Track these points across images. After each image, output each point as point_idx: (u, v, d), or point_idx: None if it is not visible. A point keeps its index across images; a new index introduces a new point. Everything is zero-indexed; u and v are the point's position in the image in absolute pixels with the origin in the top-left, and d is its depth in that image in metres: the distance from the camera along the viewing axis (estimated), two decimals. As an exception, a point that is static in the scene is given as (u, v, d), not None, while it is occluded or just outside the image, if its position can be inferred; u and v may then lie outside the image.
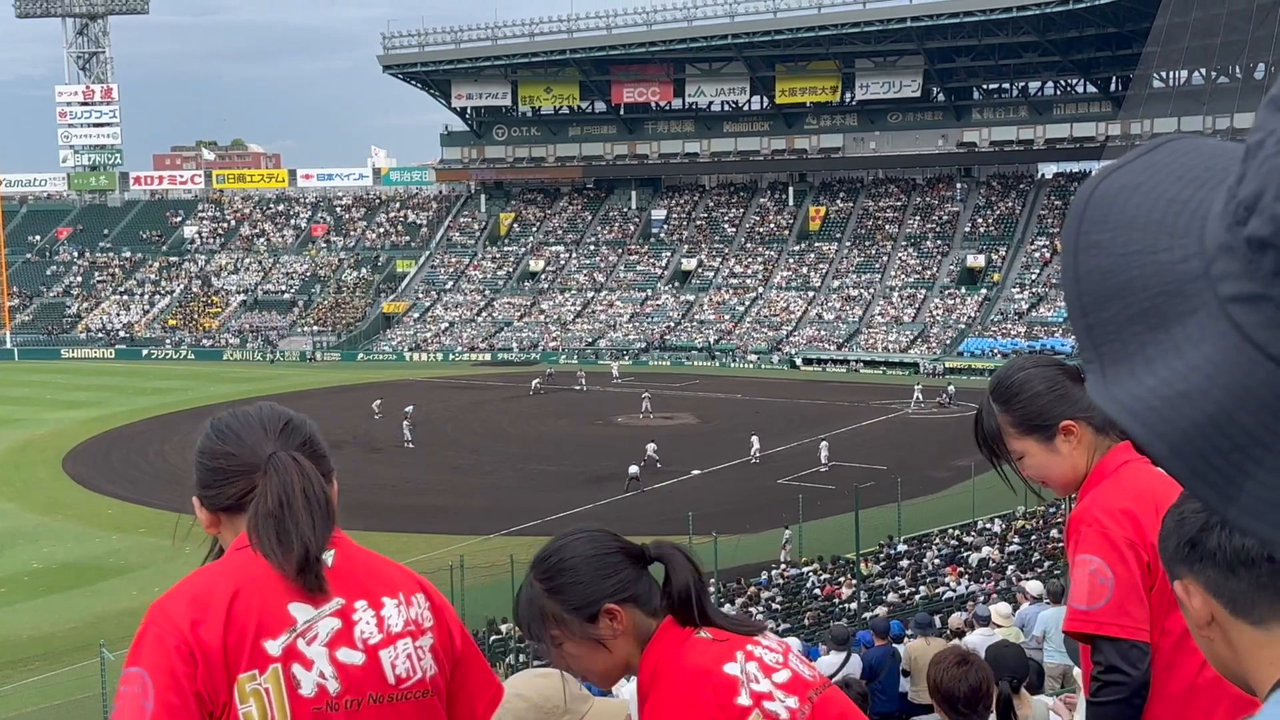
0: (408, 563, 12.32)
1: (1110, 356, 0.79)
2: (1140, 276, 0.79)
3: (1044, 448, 2.78)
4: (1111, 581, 2.55)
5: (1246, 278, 0.73)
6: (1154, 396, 0.76)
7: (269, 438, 2.51)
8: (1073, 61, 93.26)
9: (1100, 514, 2.63)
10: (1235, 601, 1.34)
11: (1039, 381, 2.78)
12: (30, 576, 35.87)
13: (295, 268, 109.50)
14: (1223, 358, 0.74)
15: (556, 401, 67.03)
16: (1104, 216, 0.82)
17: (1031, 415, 2.77)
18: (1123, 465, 2.73)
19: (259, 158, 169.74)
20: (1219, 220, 0.76)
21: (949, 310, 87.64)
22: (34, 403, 69.52)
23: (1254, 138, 0.76)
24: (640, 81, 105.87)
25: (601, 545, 2.52)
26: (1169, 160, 0.84)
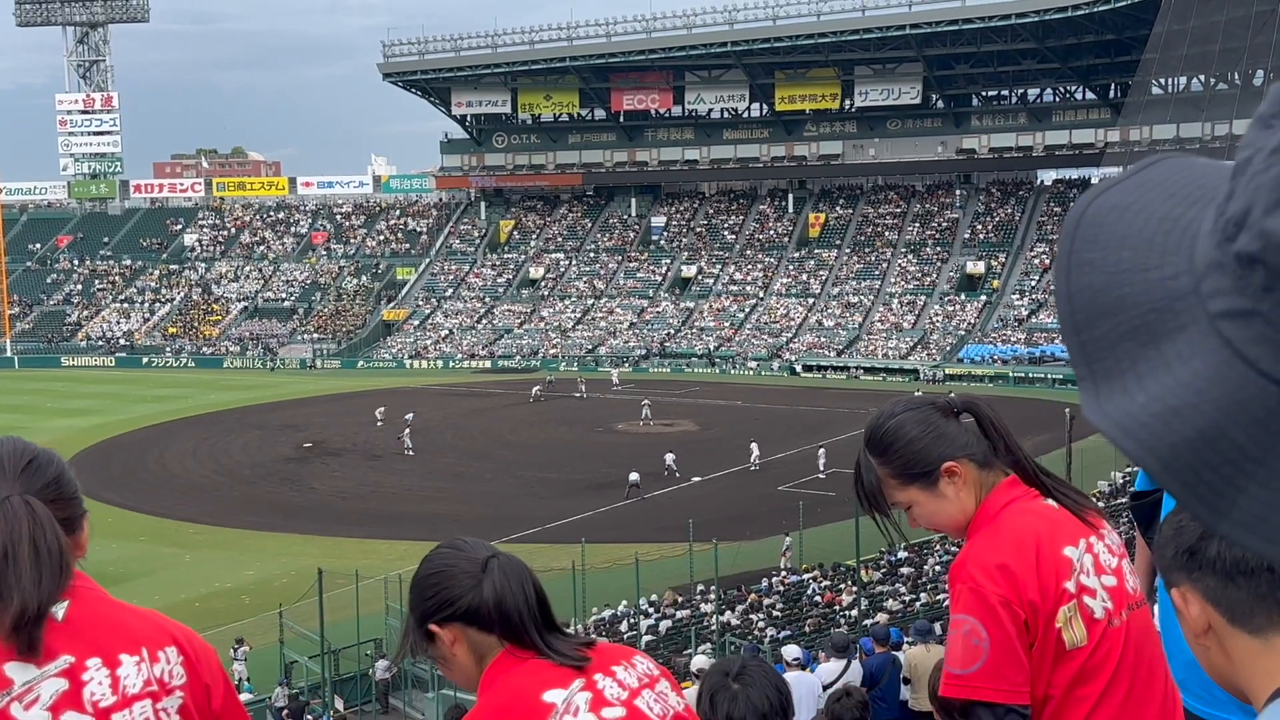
0: (408, 570, 12.30)
1: (1103, 373, 0.80)
2: (1131, 294, 0.80)
3: (929, 494, 2.62)
4: (986, 643, 2.42)
5: (1236, 293, 0.74)
6: (1145, 412, 0.77)
7: (7, 478, 2.30)
8: (1072, 68, 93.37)
9: (975, 570, 2.49)
10: (1234, 611, 1.34)
11: (912, 426, 2.63)
12: (30, 585, 35.82)
13: (295, 275, 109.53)
14: (1213, 373, 0.75)
15: (556, 409, 67.02)
16: (1095, 235, 0.84)
17: (910, 463, 2.61)
18: (1005, 508, 2.57)
19: (259, 165, 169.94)
20: (1209, 237, 0.77)
21: (949, 317, 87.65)
22: (34, 411, 69.49)
23: (1242, 155, 0.77)
24: (640, 89, 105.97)
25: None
26: (1160, 179, 0.85)
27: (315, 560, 33.61)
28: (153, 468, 52.64)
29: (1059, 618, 2.45)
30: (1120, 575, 2.57)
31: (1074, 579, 2.48)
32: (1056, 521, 2.54)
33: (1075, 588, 2.48)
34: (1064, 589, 2.46)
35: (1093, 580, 2.50)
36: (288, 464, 53.00)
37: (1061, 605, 2.46)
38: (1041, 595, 2.45)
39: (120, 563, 37.74)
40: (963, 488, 2.59)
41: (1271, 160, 0.74)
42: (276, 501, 45.81)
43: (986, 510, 2.58)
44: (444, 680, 26.94)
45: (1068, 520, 2.56)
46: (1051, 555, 2.49)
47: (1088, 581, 2.50)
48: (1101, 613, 2.50)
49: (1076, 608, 2.47)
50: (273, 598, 31.38)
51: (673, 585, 32.36)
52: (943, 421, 2.63)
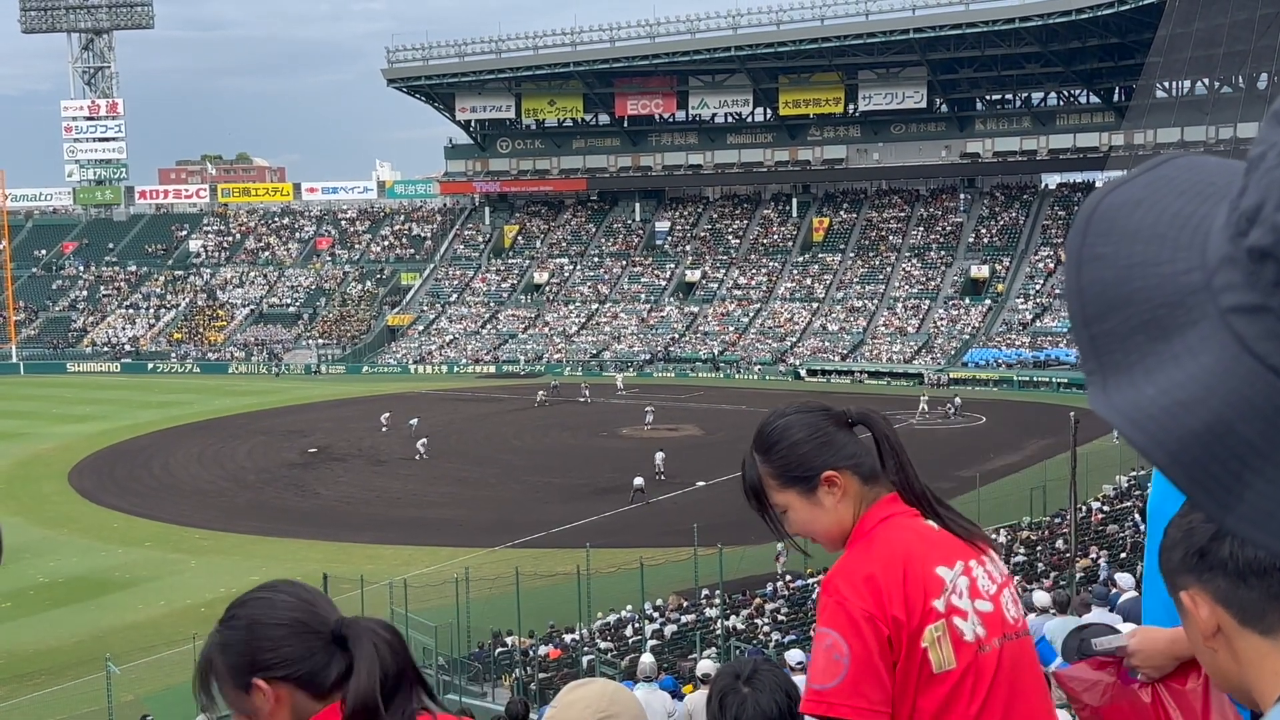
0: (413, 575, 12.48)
1: (1112, 367, 0.80)
2: (1143, 289, 0.80)
3: (806, 501, 2.55)
4: (846, 659, 2.34)
5: (1248, 288, 0.74)
6: (1153, 405, 0.77)
7: None
8: (1075, 72, 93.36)
9: (841, 583, 2.41)
10: (1245, 610, 1.33)
11: (799, 429, 2.57)
12: (36, 590, 35.90)
13: (300, 281, 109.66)
14: (1222, 368, 0.75)
15: (560, 414, 67.04)
16: (1108, 230, 0.84)
17: (790, 465, 2.56)
18: (882, 522, 2.50)
19: (264, 171, 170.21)
20: (1221, 233, 0.78)
21: (953, 321, 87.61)
22: (40, 417, 69.64)
23: (1256, 150, 0.77)
24: (644, 93, 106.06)
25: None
26: (1173, 175, 0.86)
27: (320, 565, 33.63)
28: (158, 473, 52.70)
29: (925, 637, 2.37)
30: (998, 603, 2.48)
31: (944, 599, 2.40)
32: (932, 540, 2.47)
33: (945, 607, 2.40)
34: (932, 607, 2.38)
35: (965, 603, 2.42)
36: (292, 469, 53.05)
37: (928, 624, 2.37)
38: (907, 612, 2.37)
39: (126, 568, 37.82)
40: (841, 499, 2.53)
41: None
42: (281, 507, 45.85)
43: (863, 525, 2.52)
44: (450, 685, 26.95)
45: (946, 540, 2.50)
46: (921, 572, 2.41)
47: (959, 603, 2.42)
48: (972, 636, 2.41)
49: (945, 628, 2.39)
50: (278, 603, 31.35)
51: (677, 590, 32.36)
52: (833, 429, 2.57)
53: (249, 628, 2.09)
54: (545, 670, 27.26)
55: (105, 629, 31.92)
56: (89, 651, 28.64)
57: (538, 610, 30.16)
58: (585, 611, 29.44)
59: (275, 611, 2.12)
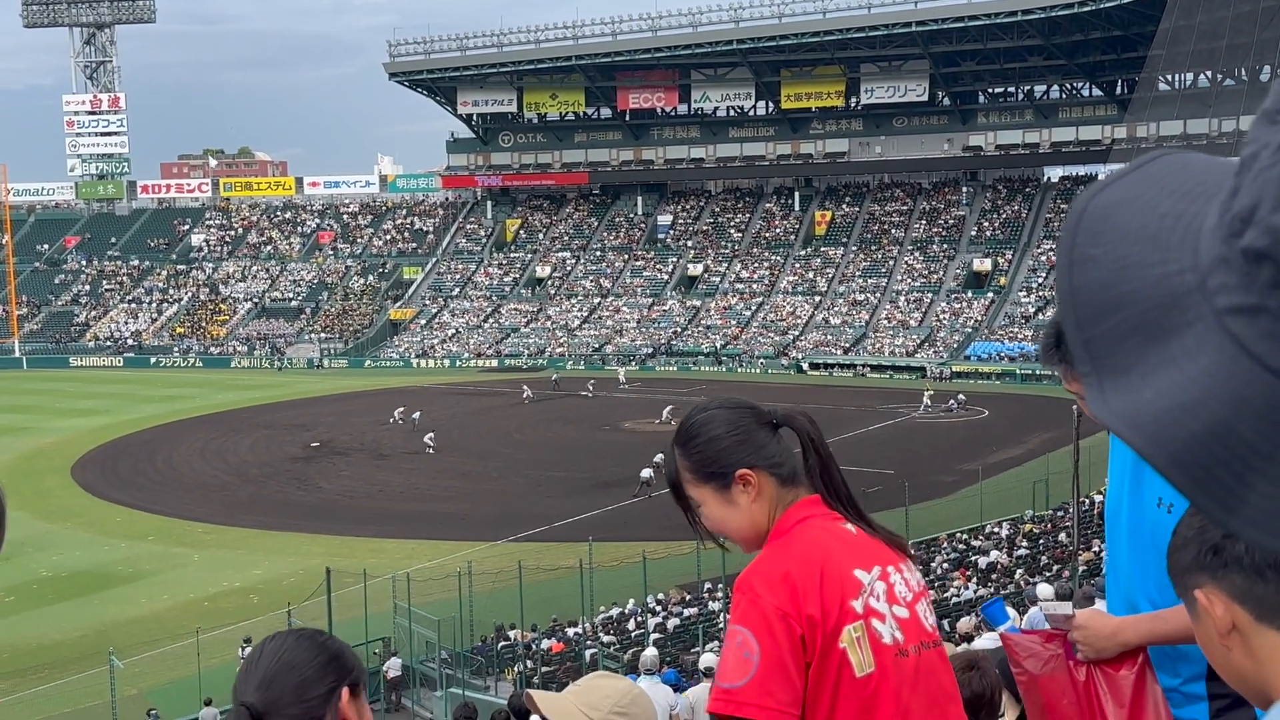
0: (416, 569, 12.50)
1: (1108, 370, 0.80)
2: (1136, 290, 0.79)
3: (720, 498, 2.52)
4: (757, 657, 2.29)
5: (1243, 289, 0.74)
6: (1153, 408, 0.77)
7: None
8: (1078, 65, 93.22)
9: (756, 581, 2.38)
10: (1262, 606, 1.32)
11: (720, 425, 2.52)
12: (40, 584, 35.94)
13: (302, 275, 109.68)
14: (1221, 369, 0.75)
15: (563, 407, 67.06)
16: (1098, 231, 0.83)
17: (707, 460, 2.51)
18: (800, 523, 2.47)
19: (266, 166, 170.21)
20: (1214, 233, 0.77)
21: (956, 314, 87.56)
22: (43, 411, 69.69)
23: (1247, 150, 0.77)
24: (646, 87, 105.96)
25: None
26: (1161, 174, 0.85)
27: (323, 559, 33.67)
28: (161, 467, 52.76)
29: (843, 637, 2.34)
30: (914, 610, 2.46)
31: (862, 599, 2.37)
32: (851, 543, 2.46)
33: (863, 608, 2.36)
34: (849, 607, 2.35)
35: (883, 605, 2.39)
36: (295, 463, 53.09)
37: (846, 624, 2.34)
38: (823, 611, 2.33)
39: (129, 562, 37.87)
40: (756, 499, 2.50)
41: (1278, 156, 0.74)
42: (284, 501, 45.89)
43: (781, 525, 2.49)
44: (452, 679, 26.98)
45: (866, 544, 2.47)
46: (839, 573, 2.38)
47: (877, 605, 2.38)
48: (890, 640, 2.38)
49: (864, 629, 2.36)
50: (281, 597, 31.42)
51: (680, 583, 32.40)
52: (754, 428, 2.52)
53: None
54: (548, 664, 27.28)
55: (108, 623, 31.97)
56: (92, 645, 28.69)
57: (540, 604, 30.20)
58: (588, 605, 29.48)
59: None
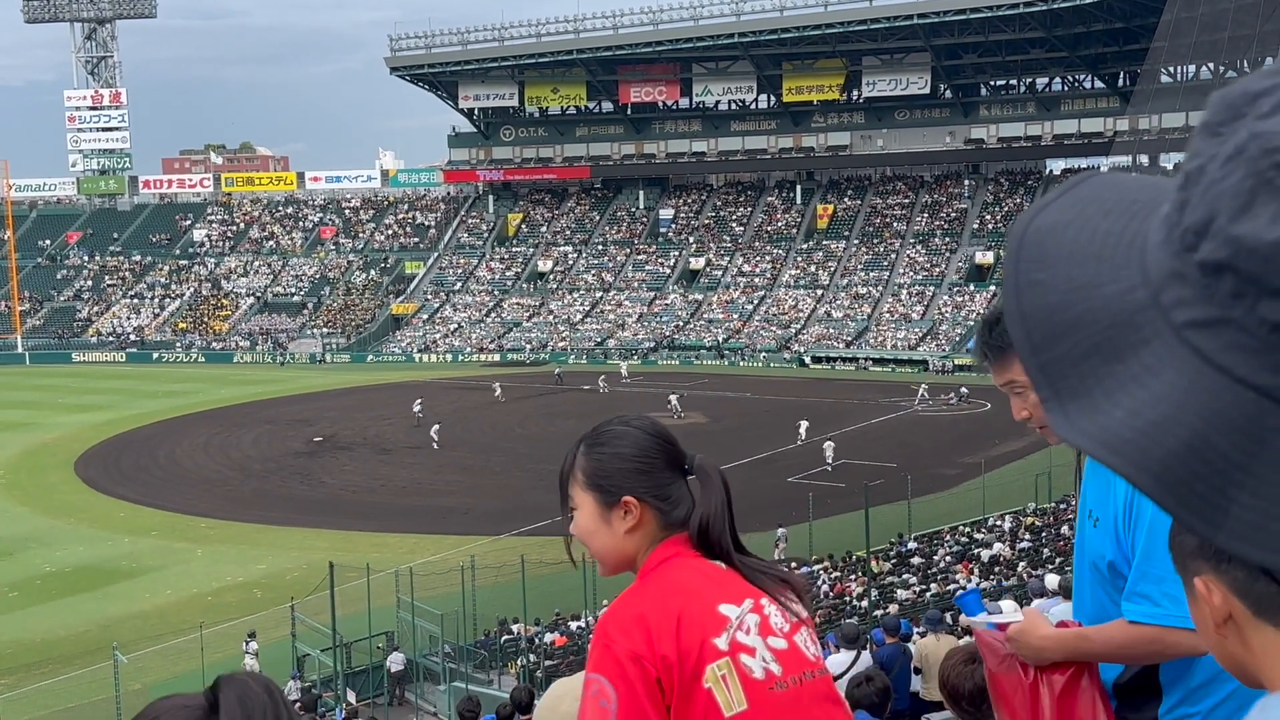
0: (419, 563, 12.50)
1: (1068, 393, 0.79)
2: (1088, 311, 0.79)
3: (598, 512, 2.46)
4: (613, 704, 2.24)
5: (1203, 303, 0.74)
6: (1127, 428, 0.76)
7: None
8: (1080, 57, 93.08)
9: (611, 626, 2.32)
10: (1261, 604, 1.29)
11: (631, 445, 2.46)
12: (43, 580, 36.01)
13: (304, 270, 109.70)
14: (1188, 383, 0.74)
15: (565, 402, 67.06)
16: (1040, 255, 0.83)
17: (603, 472, 2.45)
18: (663, 563, 2.40)
19: (267, 160, 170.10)
20: (1163, 249, 0.77)
21: (958, 307, 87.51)
22: (45, 407, 69.75)
23: (1192, 164, 0.76)
24: (647, 81, 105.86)
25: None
26: (1094, 196, 0.85)
27: (326, 554, 33.73)
28: (164, 462, 52.81)
29: (706, 676, 2.27)
30: (792, 640, 2.40)
31: (727, 635, 2.31)
32: (716, 579, 2.40)
33: (728, 645, 2.30)
34: (712, 645, 2.29)
35: (753, 639, 2.33)
36: (298, 458, 53.14)
37: (708, 663, 2.28)
38: (679, 652, 2.27)
39: (132, 557, 37.92)
40: (633, 530, 2.44)
41: (1228, 168, 0.73)
42: (287, 495, 45.95)
43: (646, 565, 2.44)
44: (456, 672, 27.02)
45: (733, 580, 2.40)
46: (700, 611, 2.32)
47: (745, 639, 2.33)
48: (762, 674, 2.31)
49: (730, 666, 2.29)
50: (284, 591, 31.48)
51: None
52: (663, 464, 2.46)
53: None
54: (551, 658, 27.32)
55: (112, 618, 32.03)
56: (96, 640, 28.74)
57: (543, 598, 30.22)
58: (590, 598, 29.48)
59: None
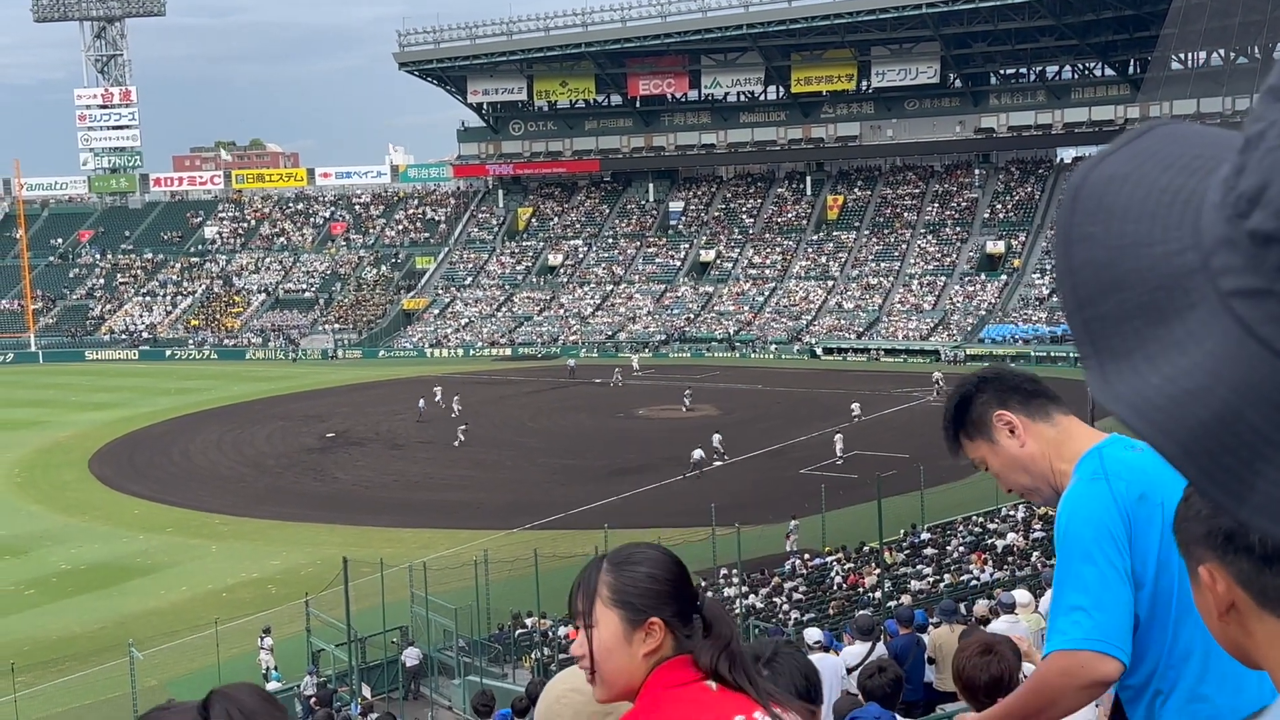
0: (433, 558, 12.53)
1: (1109, 352, 0.79)
2: (1137, 270, 0.78)
3: (620, 631, 2.37)
4: None
5: (1250, 272, 0.73)
6: (1160, 395, 0.75)
7: None
8: (1090, 45, 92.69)
9: None
10: (1266, 595, 1.29)
11: (661, 568, 2.41)
12: (59, 577, 36.17)
13: (315, 266, 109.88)
14: (1228, 354, 0.73)
15: (577, 395, 67.12)
16: (1096, 207, 0.82)
17: (636, 591, 2.38)
18: (669, 691, 2.35)
19: (277, 157, 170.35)
20: (1217, 212, 0.75)
21: (969, 297, 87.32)
22: (59, 405, 70.03)
23: (1254, 128, 0.75)
24: (656, 74, 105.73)
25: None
26: (1157, 147, 0.84)
27: (340, 549, 33.81)
28: (178, 460, 52.98)
29: None
30: None
31: None
32: (708, 701, 2.35)
33: None
34: None
35: None
36: (311, 454, 53.27)
37: None
38: None
39: (148, 554, 38.07)
40: (651, 653, 2.38)
41: None
42: (301, 491, 46.07)
43: (651, 685, 2.38)
44: (470, 666, 27.07)
45: (727, 698, 2.36)
46: None
47: None
48: None
49: None
50: (299, 587, 31.58)
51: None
52: (685, 591, 2.43)
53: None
54: (565, 651, 27.37)
55: (128, 615, 32.16)
56: (112, 637, 28.87)
57: (557, 591, 30.06)
58: (604, 592, 29.52)
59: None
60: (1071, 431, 2.88)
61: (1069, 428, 2.89)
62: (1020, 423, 2.90)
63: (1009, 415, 2.90)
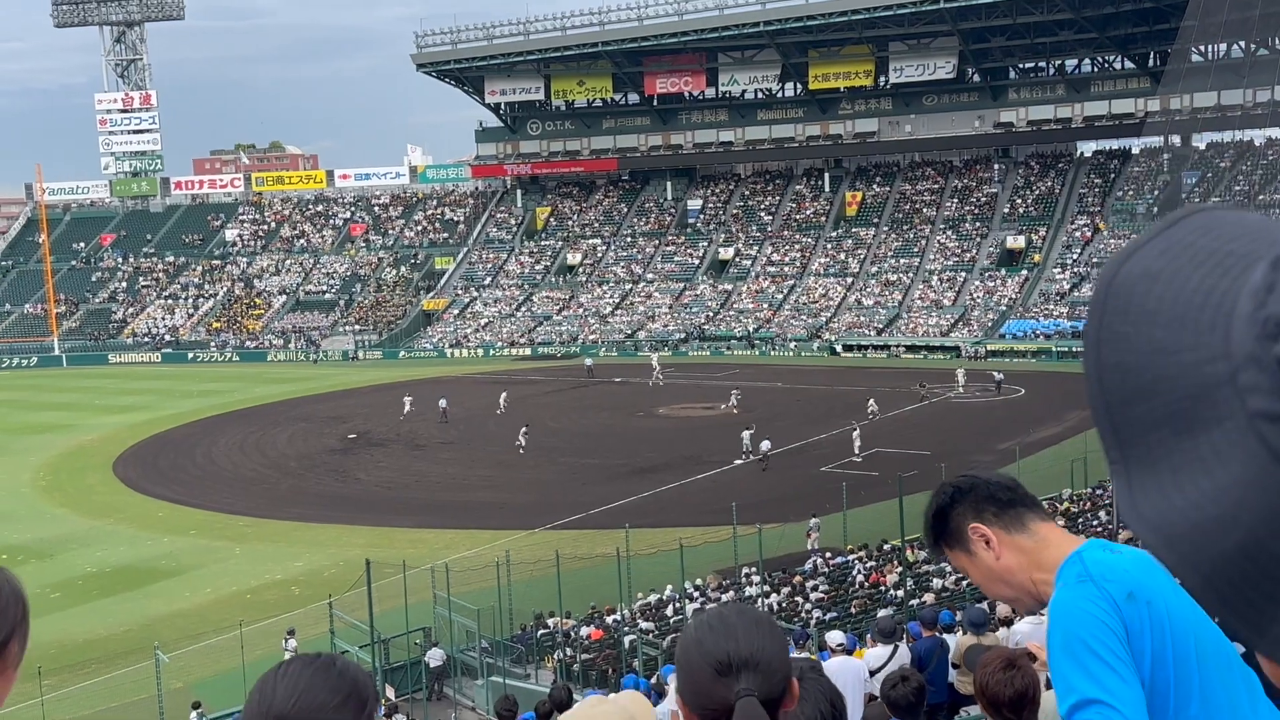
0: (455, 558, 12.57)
1: (1136, 461, 0.78)
2: (1166, 377, 0.77)
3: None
4: None
5: (1275, 394, 0.72)
6: (1184, 521, 0.75)
7: None
8: (1110, 38, 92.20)
9: None
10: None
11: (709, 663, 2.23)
12: (84, 580, 36.40)
13: (335, 268, 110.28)
14: (1252, 478, 0.72)
15: (597, 395, 67.19)
16: (1125, 307, 0.81)
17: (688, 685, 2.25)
18: None
19: (297, 159, 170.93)
20: (1246, 325, 0.75)
21: (989, 292, 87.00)
22: (83, 408, 70.46)
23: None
24: (673, 72, 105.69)
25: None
26: (1190, 240, 0.83)
27: (362, 550, 33.95)
28: (201, 462, 53.25)
29: None
30: None
31: None
32: None
33: None
34: None
35: None
36: (333, 455, 53.46)
37: None
38: None
39: (172, 557, 38.28)
40: None
41: None
42: (323, 493, 46.24)
43: None
44: (493, 667, 27.14)
45: None
46: None
47: None
48: None
49: None
50: (322, 588, 31.70)
51: (717, 568, 32.44)
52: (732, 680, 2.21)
53: None
54: (587, 651, 27.41)
55: (153, 617, 32.35)
56: (138, 640, 29.04)
57: (578, 591, 30.30)
58: (626, 592, 29.57)
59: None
60: (1049, 540, 2.80)
61: (1046, 536, 2.81)
62: (995, 535, 2.83)
63: (983, 529, 2.82)
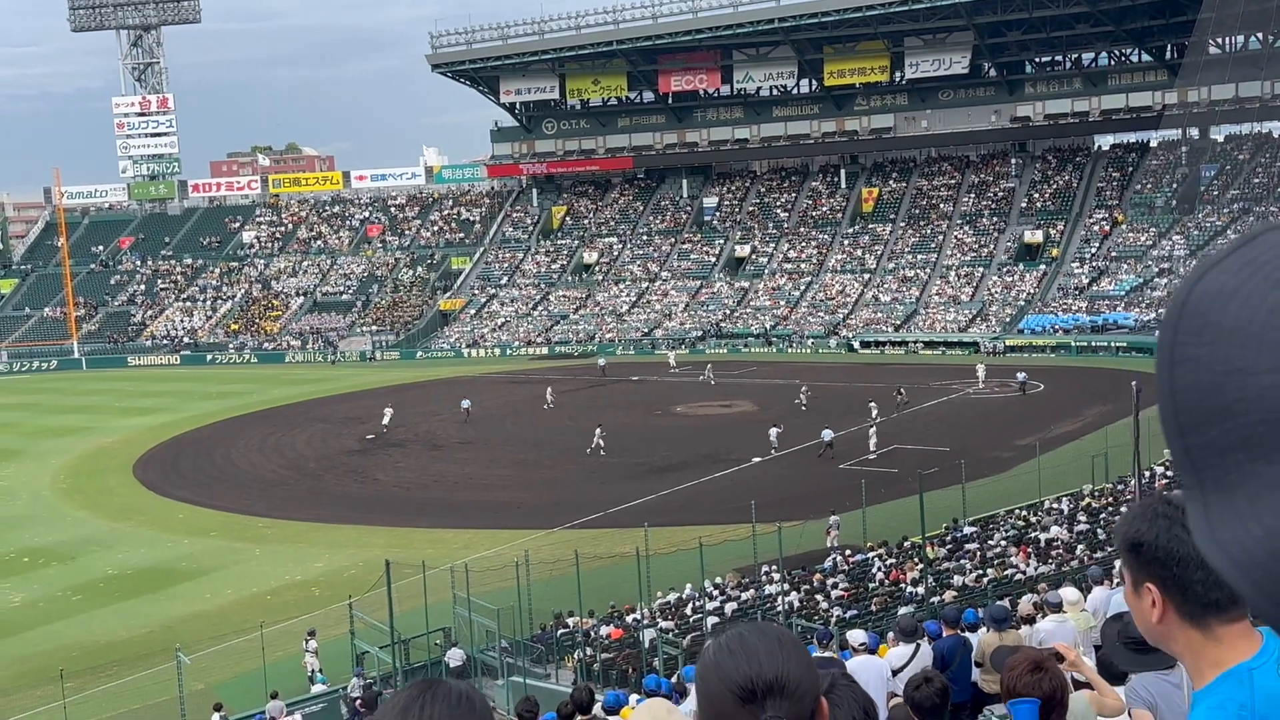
0: (474, 558, 12.55)
1: (1211, 484, 0.77)
2: (1241, 400, 0.76)
3: None
4: None
5: None
6: (1261, 550, 0.74)
7: None
8: (1126, 31, 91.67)
9: None
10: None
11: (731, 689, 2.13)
12: (105, 582, 36.54)
13: (352, 269, 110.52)
14: None
15: (615, 394, 67.18)
16: (1201, 327, 0.80)
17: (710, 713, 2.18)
18: None
19: (313, 161, 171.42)
20: None
21: (1008, 287, 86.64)
22: (103, 411, 70.76)
23: None
24: (688, 69, 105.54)
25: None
26: (1266, 258, 0.82)
27: (382, 551, 33.99)
28: (220, 463, 53.42)
29: None
30: None
31: None
32: None
33: None
34: None
35: None
36: (351, 456, 53.57)
37: None
38: None
39: (193, 558, 38.41)
40: None
41: None
42: (342, 493, 46.34)
43: None
44: (513, 667, 27.14)
45: None
46: None
47: None
48: None
49: None
50: (342, 589, 31.75)
51: (736, 567, 32.38)
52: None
53: None
54: (607, 650, 27.38)
55: (174, 619, 32.44)
56: (159, 642, 29.12)
57: (598, 590, 30.27)
58: (645, 591, 29.52)
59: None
60: (1223, 640, 2.27)
61: (1222, 636, 2.29)
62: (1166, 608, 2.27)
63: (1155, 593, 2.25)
